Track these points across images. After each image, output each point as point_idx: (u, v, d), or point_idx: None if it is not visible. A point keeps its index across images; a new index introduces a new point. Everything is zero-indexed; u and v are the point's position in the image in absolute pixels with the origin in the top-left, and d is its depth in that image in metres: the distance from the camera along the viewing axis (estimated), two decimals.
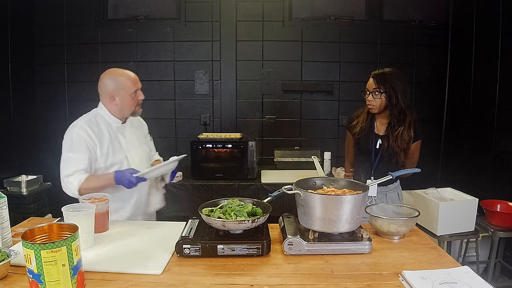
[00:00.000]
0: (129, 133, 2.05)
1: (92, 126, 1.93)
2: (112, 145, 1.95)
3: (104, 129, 1.96)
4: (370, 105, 2.14)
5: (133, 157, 2.01)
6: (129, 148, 2.01)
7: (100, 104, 2.00)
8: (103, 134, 1.94)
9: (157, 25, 3.70)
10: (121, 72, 1.94)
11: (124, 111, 1.98)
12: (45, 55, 3.69)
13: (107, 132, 1.96)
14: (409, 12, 3.71)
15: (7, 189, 3.21)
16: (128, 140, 2.03)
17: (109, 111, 1.97)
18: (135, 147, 2.06)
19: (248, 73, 3.73)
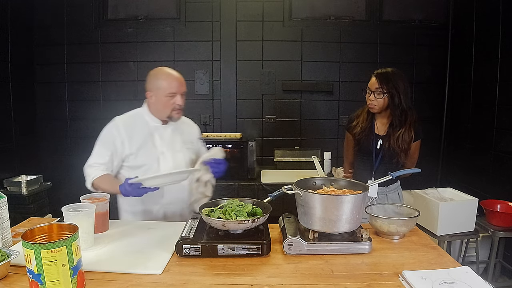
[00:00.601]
0: (169, 135, 1.97)
1: (127, 123, 1.92)
2: (144, 144, 1.91)
3: (140, 127, 1.93)
4: (371, 104, 2.13)
5: (167, 160, 1.94)
6: (164, 150, 1.94)
7: (144, 102, 1.98)
8: (137, 133, 1.91)
9: (157, 25, 3.70)
10: (164, 72, 1.90)
11: (160, 112, 1.92)
12: (45, 55, 3.69)
13: (142, 131, 1.92)
14: (409, 12, 3.71)
15: (7, 189, 3.21)
16: (166, 142, 1.96)
17: (149, 109, 1.95)
18: (173, 151, 1.97)
19: (248, 73, 3.73)
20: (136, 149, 1.91)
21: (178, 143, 2.00)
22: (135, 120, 1.96)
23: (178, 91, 1.88)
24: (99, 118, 3.80)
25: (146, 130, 1.93)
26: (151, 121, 1.95)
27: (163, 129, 1.97)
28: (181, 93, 1.89)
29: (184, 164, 1.99)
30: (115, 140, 1.89)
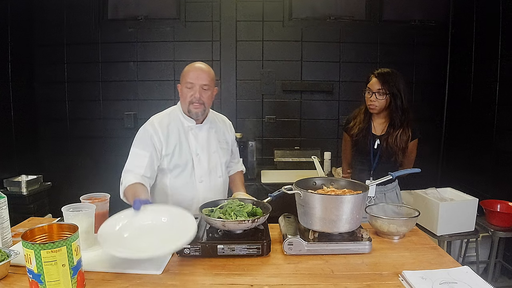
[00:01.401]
0: (204, 135, 1.91)
1: (163, 123, 1.87)
2: (179, 145, 1.85)
3: (175, 127, 1.87)
4: (372, 105, 2.13)
5: (202, 161, 1.89)
6: (199, 151, 1.88)
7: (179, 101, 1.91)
8: (172, 133, 1.86)
9: (157, 25, 3.69)
10: (193, 64, 1.85)
11: (182, 107, 1.86)
12: (45, 55, 3.69)
13: (177, 131, 1.87)
14: (409, 12, 3.71)
15: (7, 189, 3.21)
16: (201, 142, 1.90)
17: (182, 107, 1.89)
18: (209, 152, 1.91)
19: (248, 73, 3.73)
20: (172, 151, 1.85)
21: (214, 144, 1.94)
22: (171, 119, 1.89)
23: (197, 81, 1.79)
24: (99, 118, 3.83)
25: (181, 130, 1.88)
26: (185, 121, 1.89)
27: (198, 129, 1.90)
28: (201, 86, 1.80)
29: (220, 165, 1.95)
30: (153, 140, 1.81)
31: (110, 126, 3.72)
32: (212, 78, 1.86)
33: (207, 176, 1.91)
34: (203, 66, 1.85)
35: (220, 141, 1.98)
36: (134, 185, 1.71)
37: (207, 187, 1.90)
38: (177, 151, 1.85)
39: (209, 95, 1.85)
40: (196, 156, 1.88)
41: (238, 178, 2.14)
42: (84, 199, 1.60)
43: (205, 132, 1.92)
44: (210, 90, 1.85)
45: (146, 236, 1.37)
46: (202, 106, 1.84)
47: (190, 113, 1.85)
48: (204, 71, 1.83)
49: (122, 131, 3.62)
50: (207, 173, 1.90)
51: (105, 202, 1.60)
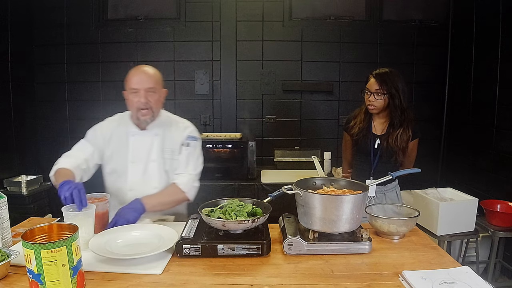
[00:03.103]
0: (146, 142, 1.83)
1: (112, 124, 1.86)
2: (118, 150, 1.83)
3: (120, 132, 1.84)
4: (371, 105, 2.13)
5: (136, 170, 1.82)
6: (135, 159, 1.82)
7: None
8: (116, 136, 1.84)
9: (157, 25, 3.70)
10: (135, 68, 1.77)
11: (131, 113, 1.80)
12: (45, 55, 3.69)
13: (121, 135, 1.84)
14: (409, 12, 3.71)
15: (7, 189, 3.21)
16: (140, 150, 1.83)
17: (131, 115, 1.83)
18: (147, 160, 1.83)
19: (248, 73, 3.73)
20: (110, 154, 1.84)
21: (155, 152, 1.83)
22: (120, 123, 1.87)
23: (141, 87, 1.70)
24: (99, 118, 3.79)
25: (124, 135, 1.84)
26: (130, 126, 1.84)
27: (140, 136, 1.83)
28: (146, 90, 1.71)
29: (158, 174, 1.84)
30: (98, 139, 1.83)
31: None
32: (157, 81, 1.78)
33: (140, 185, 1.82)
34: (146, 69, 1.76)
35: (164, 149, 1.85)
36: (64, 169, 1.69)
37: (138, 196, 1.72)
38: (115, 156, 1.83)
39: (156, 99, 1.77)
40: (132, 164, 1.82)
41: (162, 190, 1.82)
42: None
43: (148, 139, 1.83)
44: (157, 93, 1.77)
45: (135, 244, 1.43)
46: (150, 112, 1.76)
47: (139, 121, 1.79)
48: (148, 74, 1.74)
49: None
50: (140, 182, 1.82)
51: (105, 202, 1.60)
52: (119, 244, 1.43)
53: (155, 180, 1.85)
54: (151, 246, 1.39)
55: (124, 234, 1.49)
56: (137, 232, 1.52)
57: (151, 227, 1.57)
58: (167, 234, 1.47)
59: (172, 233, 1.46)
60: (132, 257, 1.31)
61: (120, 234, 1.48)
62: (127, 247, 1.41)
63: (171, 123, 1.91)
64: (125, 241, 1.45)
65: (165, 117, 1.92)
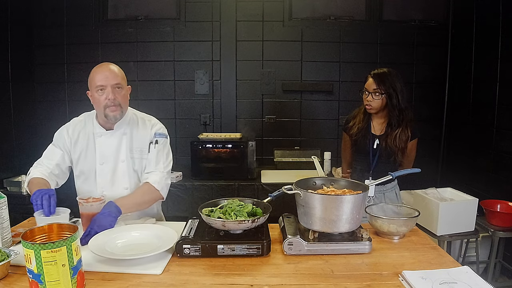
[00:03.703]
0: (113, 143, 1.78)
1: (76, 127, 1.81)
2: (85, 152, 1.78)
3: (85, 133, 1.80)
4: (369, 105, 2.14)
5: (105, 171, 1.78)
6: (104, 160, 1.78)
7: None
8: (81, 138, 1.79)
9: (157, 25, 3.69)
10: (98, 66, 1.73)
11: (98, 113, 1.75)
12: (45, 55, 3.69)
13: (87, 137, 1.79)
14: (409, 12, 3.71)
15: (7, 189, 3.21)
16: (107, 151, 1.78)
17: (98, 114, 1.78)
18: (116, 161, 1.78)
19: (248, 73, 3.73)
20: (77, 156, 1.80)
21: (123, 152, 1.79)
22: (85, 124, 1.82)
23: (107, 83, 1.67)
24: None
25: (90, 136, 1.79)
26: (96, 127, 1.79)
27: (107, 136, 1.78)
28: (112, 86, 1.68)
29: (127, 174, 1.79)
30: (65, 142, 1.80)
31: None
32: (122, 77, 1.75)
33: (110, 187, 1.79)
34: (110, 66, 1.73)
35: (132, 149, 1.80)
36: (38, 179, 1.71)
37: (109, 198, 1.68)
38: (82, 158, 1.79)
39: (123, 95, 1.73)
40: (100, 165, 1.78)
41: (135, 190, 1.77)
42: (81, 199, 1.59)
43: (115, 140, 1.78)
44: (123, 89, 1.74)
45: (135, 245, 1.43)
46: (119, 108, 1.71)
47: (107, 118, 1.71)
48: (112, 71, 1.71)
49: None
50: (110, 184, 1.78)
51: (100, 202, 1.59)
52: (119, 244, 1.43)
53: (125, 181, 1.80)
54: (151, 246, 1.39)
55: (123, 234, 1.49)
56: (137, 232, 1.52)
57: (150, 227, 1.57)
58: (167, 234, 1.47)
59: (171, 233, 1.47)
60: (131, 257, 1.31)
61: (120, 235, 1.48)
62: (127, 247, 1.42)
63: (138, 121, 1.86)
64: (125, 242, 1.45)
65: (131, 115, 1.86)
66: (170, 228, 1.52)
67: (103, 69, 1.70)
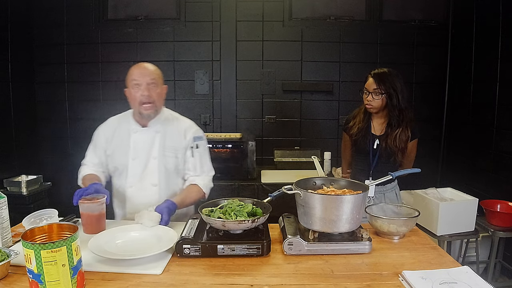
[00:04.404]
0: (147, 139, 1.84)
1: (114, 123, 1.91)
2: (120, 148, 1.85)
3: (122, 130, 1.87)
4: (369, 105, 2.14)
5: (136, 167, 1.83)
6: (136, 156, 1.83)
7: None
8: (117, 135, 1.87)
9: (157, 25, 3.69)
10: (136, 64, 1.79)
11: (133, 109, 1.82)
12: (45, 55, 3.69)
13: (123, 134, 1.86)
14: (409, 12, 3.71)
15: (7, 189, 3.21)
16: (140, 147, 1.83)
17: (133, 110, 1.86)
18: (147, 157, 1.83)
19: (248, 73, 3.73)
20: (112, 152, 1.87)
21: (156, 149, 1.84)
22: (121, 122, 1.90)
23: (142, 80, 1.72)
24: (99, 118, 3.78)
25: (126, 133, 1.86)
26: (132, 124, 1.86)
27: (141, 133, 1.84)
28: (147, 83, 1.73)
29: (157, 171, 1.84)
30: (101, 140, 1.89)
31: None
32: (158, 75, 1.80)
33: (139, 182, 1.84)
34: (147, 64, 1.80)
35: (166, 147, 1.85)
36: (89, 175, 1.85)
37: (136, 194, 1.83)
38: (117, 153, 1.86)
39: (158, 93, 1.78)
40: (132, 161, 1.83)
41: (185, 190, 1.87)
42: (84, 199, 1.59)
43: (149, 136, 1.84)
44: (158, 87, 1.78)
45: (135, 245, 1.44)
46: (153, 106, 1.77)
47: (141, 115, 1.78)
48: (149, 69, 1.77)
49: None
50: (139, 179, 1.84)
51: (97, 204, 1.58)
52: (119, 244, 1.43)
53: (155, 178, 1.85)
54: (151, 246, 1.39)
55: (123, 234, 1.49)
56: (137, 232, 1.52)
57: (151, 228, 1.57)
58: (167, 234, 1.47)
59: (171, 233, 1.47)
60: (131, 257, 1.31)
61: (120, 235, 1.48)
62: (127, 247, 1.42)
63: (173, 120, 1.92)
64: (125, 242, 1.45)
65: (167, 114, 1.93)
66: (170, 228, 1.52)
67: (140, 67, 1.78)
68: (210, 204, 1.56)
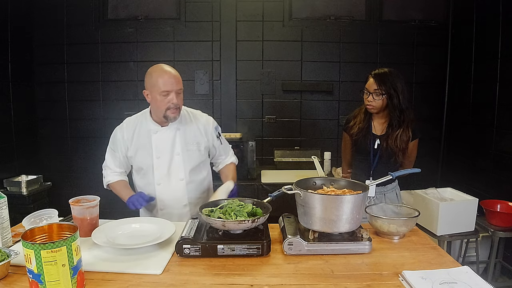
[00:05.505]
0: (169, 137, 1.90)
1: (132, 126, 1.93)
2: (142, 148, 1.90)
3: (141, 130, 1.91)
4: (370, 105, 2.13)
5: (162, 164, 1.90)
6: (160, 154, 1.89)
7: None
8: (137, 136, 1.90)
9: (157, 25, 3.69)
10: (158, 69, 1.81)
11: (156, 112, 1.85)
12: (45, 55, 3.69)
13: (143, 134, 1.90)
14: (409, 12, 3.71)
15: (7, 189, 3.22)
16: (163, 145, 1.89)
17: (150, 111, 1.91)
18: (171, 154, 1.90)
19: (248, 73, 3.73)
20: (134, 153, 1.91)
21: (179, 146, 1.91)
22: (140, 122, 1.93)
23: (172, 89, 1.77)
24: (99, 118, 3.83)
25: (146, 133, 1.90)
26: (151, 124, 1.90)
27: (162, 132, 1.89)
28: (176, 91, 1.79)
29: (182, 166, 1.91)
30: (120, 144, 1.92)
31: (110, 126, 3.69)
32: (181, 80, 1.85)
33: (166, 178, 1.91)
34: (171, 71, 1.82)
35: (188, 142, 1.93)
36: (118, 182, 1.95)
37: (166, 190, 1.92)
38: (139, 154, 1.91)
39: (181, 98, 1.86)
40: (157, 159, 1.90)
41: (227, 169, 2.13)
42: (72, 202, 1.56)
43: (170, 135, 1.90)
44: (182, 92, 1.86)
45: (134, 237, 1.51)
46: (178, 110, 1.85)
47: (167, 119, 1.84)
48: (175, 76, 1.81)
49: None
50: (166, 176, 1.91)
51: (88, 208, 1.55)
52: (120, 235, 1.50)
53: (181, 172, 1.93)
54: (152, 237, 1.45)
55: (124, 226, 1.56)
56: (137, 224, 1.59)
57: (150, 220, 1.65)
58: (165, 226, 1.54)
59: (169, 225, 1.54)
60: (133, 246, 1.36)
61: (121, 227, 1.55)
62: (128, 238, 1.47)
63: (190, 116, 2.00)
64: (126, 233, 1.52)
65: (184, 111, 1.99)
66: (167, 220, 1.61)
67: (167, 75, 1.79)
68: (210, 204, 1.56)
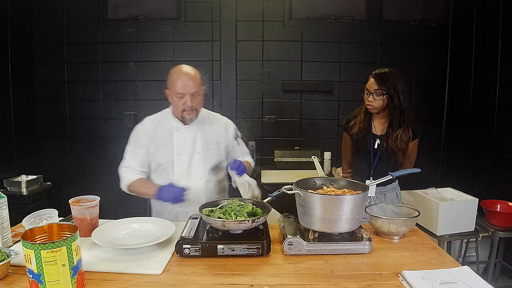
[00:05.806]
0: (190, 136, 1.95)
1: (153, 123, 1.96)
2: (163, 145, 1.92)
3: (163, 128, 1.94)
4: (370, 105, 2.13)
5: (182, 162, 1.93)
6: (180, 151, 1.93)
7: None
8: (159, 133, 1.93)
9: (157, 25, 3.69)
10: (178, 70, 1.84)
11: (175, 112, 1.92)
12: (45, 55, 3.69)
13: (165, 131, 1.93)
14: (409, 12, 3.71)
15: (7, 189, 3.22)
16: (185, 143, 1.93)
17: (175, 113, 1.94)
18: (192, 152, 1.94)
19: (248, 73, 3.73)
20: (155, 150, 1.93)
21: (199, 145, 1.96)
22: (161, 120, 1.97)
23: (186, 91, 1.80)
24: (99, 118, 3.83)
25: (168, 131, 1.94)
26: (173, 122, 1.95)
27: (184, 130, 1.95)
28: (192, 94, 1.82)
29: (202, 165, 1.96)
30: (142, 140, 1.93)
31: (110, 126, 3.72)
32: (199, 82, 1.86)
33: (186, 177, 1.94)
34: (190, 72, 1.83)
35: (208, 142, 1.99)
36: (139, 180, 1.92)
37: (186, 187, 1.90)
38: (160, 151, 1.93)
39: (199, 100, 1.88)
40: (177, 157, 1.93)
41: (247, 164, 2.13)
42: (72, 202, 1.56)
43: (191, 133, 1.95)
44: (200, 94, 1.88)
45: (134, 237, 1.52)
46: (195, 112, 1.89)
47: (184, 119, 1.91)
48: (191, 78, 1.82)
49: (122, 131, 3.61)
50: (186, 174, 1.94)
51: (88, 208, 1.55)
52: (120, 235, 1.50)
53: (201, 171, 1.96)
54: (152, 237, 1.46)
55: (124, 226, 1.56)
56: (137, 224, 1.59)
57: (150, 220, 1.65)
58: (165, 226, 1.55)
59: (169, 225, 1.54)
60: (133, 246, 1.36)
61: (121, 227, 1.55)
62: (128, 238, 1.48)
63: (210, 118, 2.07)
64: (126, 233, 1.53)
65: (204, 112, 2.05)
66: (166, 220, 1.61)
67: (182, 76, 1.82)
68: (210, 204, 1.56)
